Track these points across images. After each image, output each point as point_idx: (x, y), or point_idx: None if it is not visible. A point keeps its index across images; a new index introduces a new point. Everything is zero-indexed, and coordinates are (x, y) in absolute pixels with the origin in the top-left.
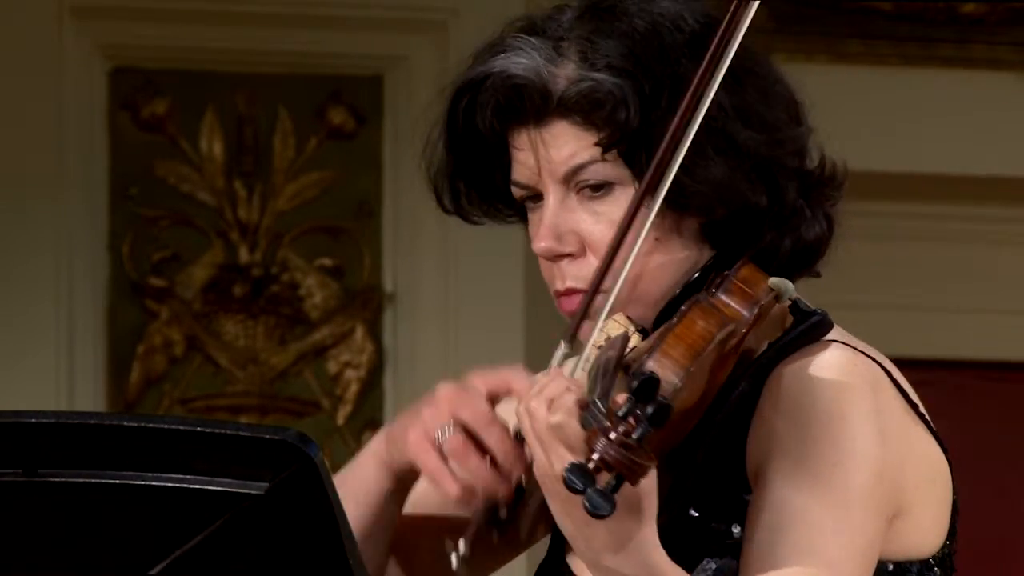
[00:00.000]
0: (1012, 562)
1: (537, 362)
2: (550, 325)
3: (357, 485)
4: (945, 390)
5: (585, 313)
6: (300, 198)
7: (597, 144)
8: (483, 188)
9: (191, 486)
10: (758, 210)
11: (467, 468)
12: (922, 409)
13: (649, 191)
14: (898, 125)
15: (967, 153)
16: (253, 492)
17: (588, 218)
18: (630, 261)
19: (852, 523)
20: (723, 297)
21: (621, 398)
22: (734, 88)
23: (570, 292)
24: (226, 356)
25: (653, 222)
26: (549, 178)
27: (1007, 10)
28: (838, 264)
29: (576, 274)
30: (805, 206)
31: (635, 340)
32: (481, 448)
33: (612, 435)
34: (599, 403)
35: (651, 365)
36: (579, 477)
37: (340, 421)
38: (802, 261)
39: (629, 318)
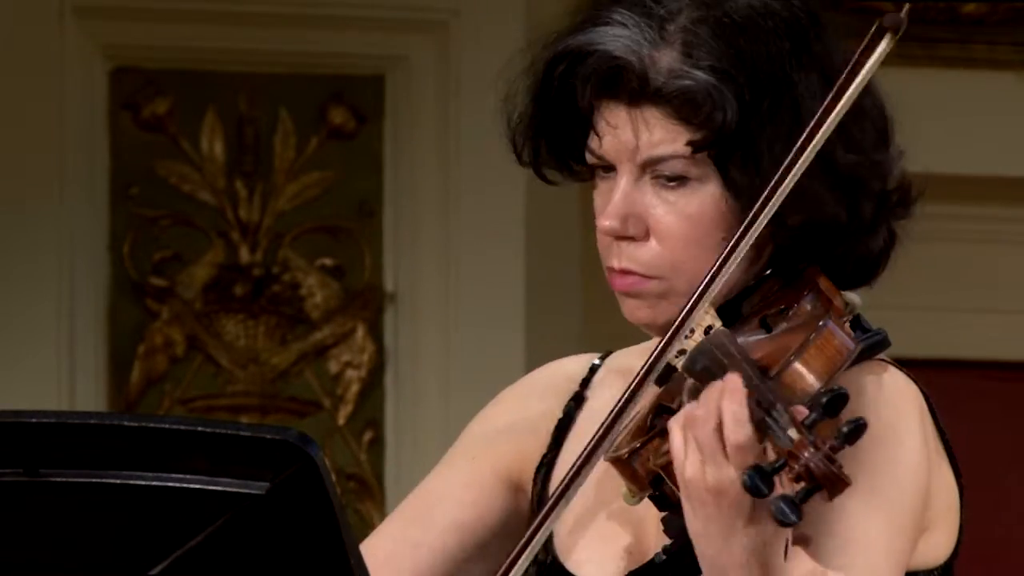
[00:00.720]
0: (1012, 562)
1: (537, 362)
2: (550, 325)
3: None
4: (945, 390)
5: (692, 308)
6: (301, 198)
7: (689, 143)
8: (563, 148)
9: (192, 486)
10: (836, 225)
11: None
12: (947, 436)
13: (753, 207)
14: (898, 125)
15: (967, 153)
16: (254, 492)
17: (660, 205)
18: (732, 265)
19: (901, 541)
20: (823, 308)
21: (802, 410)
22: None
23: (625, 272)
24: (227, 356)
25: (735, 221)
26: (627, 159)
27: (1008, 10)
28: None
29: (636, 257)
30: (876, 223)
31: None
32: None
33: (820, 445)
34: (779, 410)
35: (792, 372)
36: (763, 482)
37: (341, 421)
38: (861, 275)
39: (717, 310)
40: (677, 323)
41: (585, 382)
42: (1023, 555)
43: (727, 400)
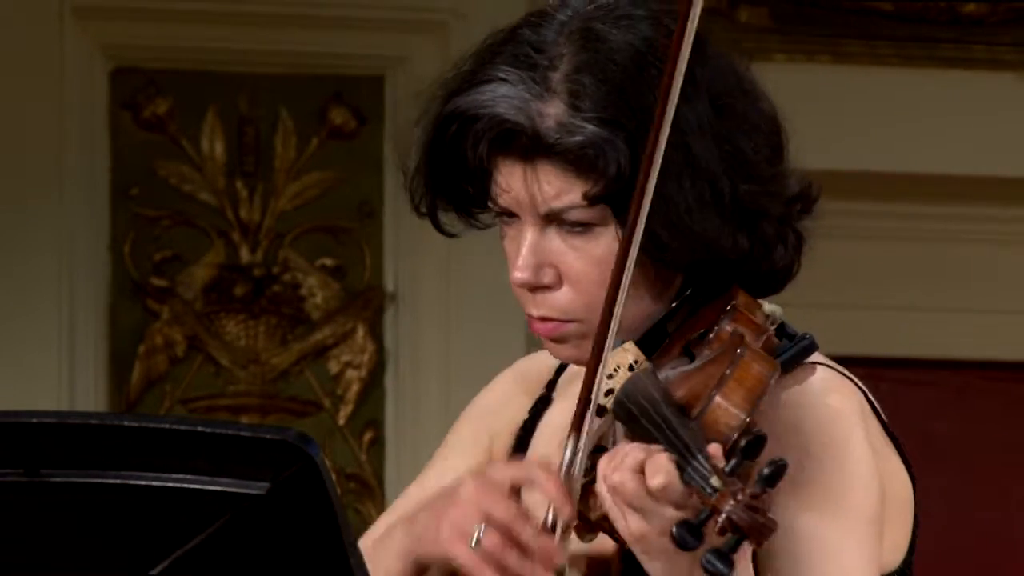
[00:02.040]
0: (1012, 562)
1: None
2: None
3: None
4: (945, 390)
5: (599, 354)
6: (301, 198)
7: (584, 196)
8: (462, 201)
9: (192, 486)
10: (740, 253)
11: (508, 564)
12: (891, 429)
13: (628, 237)
14: (898, 125)
15: (967, 153)
16: (254, 492)
17: (569, 252)
18: (621, 299)
19: (867, 547)
20: (741, 330)
21: (718, 453)
22: (724, 135)
23: (543, 319)
24: (227, 356)
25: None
26: (530, 212)
27: (1008, 10)
28: (838, 265)
29: (552, 304)
30: (779, 238)
31: (645, 369)
32: (516, 543)
33: (739, 497)
34: (700, 460)
35: (714, 409)
36: (691, 535)
37: (341, 421)
38: (774, 284)
39: (637, 345)
40: (586, 381)
41: (551, 384)
42: (1023, 555)
43: (649, 457)
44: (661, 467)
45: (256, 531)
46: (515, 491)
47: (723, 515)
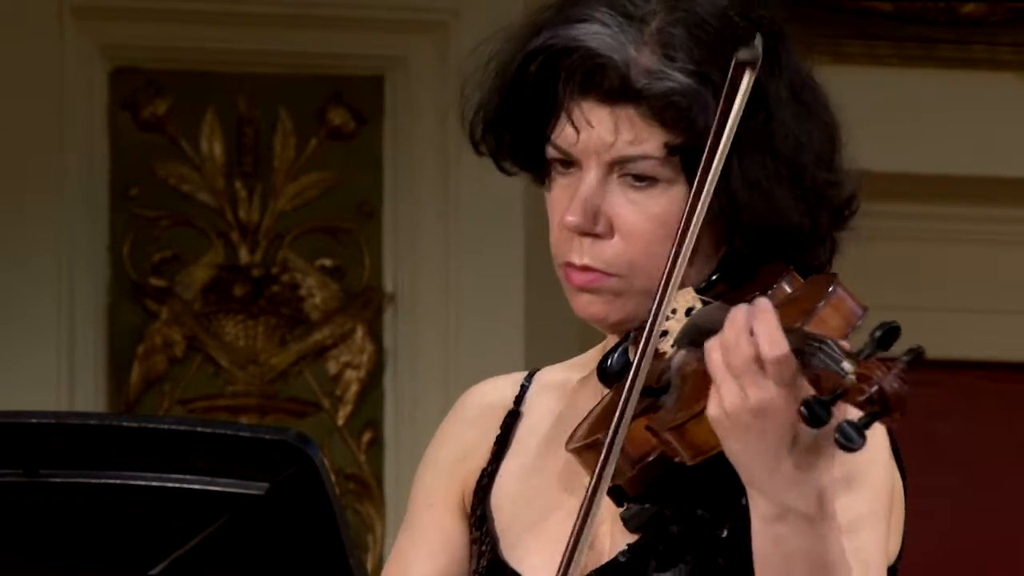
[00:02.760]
0: (1013, 562)
1: (536, 362)
2: (550, 325)
3: None
4: (946, 390)
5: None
6: (300, 198)
7: (666, 145)
8: (525, 141)
9: (191, 486)
10: (797, 233)
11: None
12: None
13: (698, 195)
14: (898, 125)
15: (967, 153)
16: (253, 492)
17: (626, 204)
18: (685, 253)
19: (883, 527)
20: (821, 283)
21: (846, 343)
22: (804, 116)
23: (585, 268)
24: (226, 356)
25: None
26: (597, 156)
27: (1007, 11)
28: (837, 265)
29: (598, 255)
30: (830, 230)
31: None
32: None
33: (892, 369)
34: (830, 345)
35: (812, 327)
36: (824, 410)
37: (340, 421)
38: None
39: (697, 292)
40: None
41: (518, 399)
42: (1023, 555)
43: (758, 321)
44: (779, 336)
45: (255, 531)
46: None
47: (873, 384)
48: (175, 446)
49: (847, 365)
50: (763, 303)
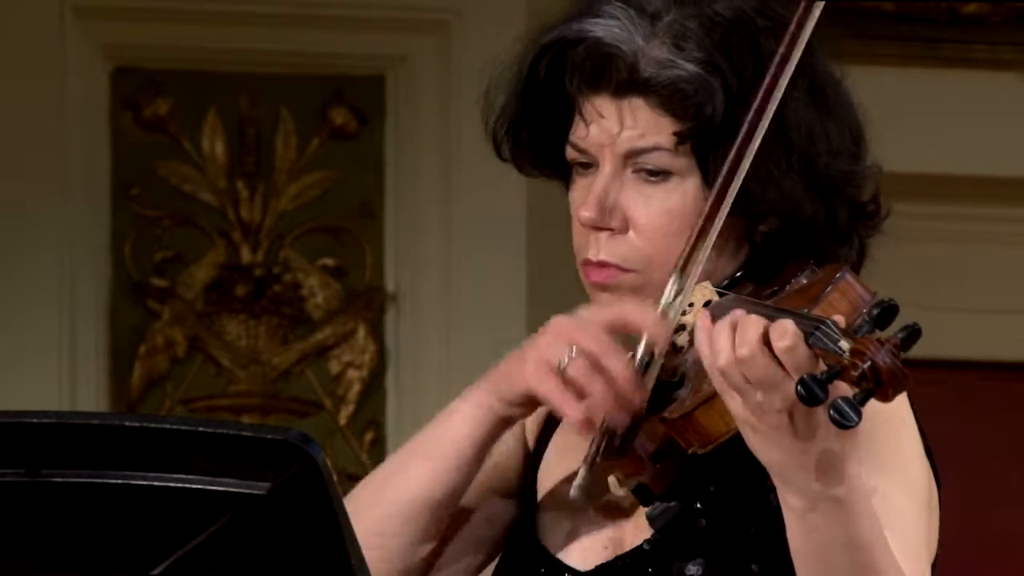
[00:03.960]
0: (1013, 562)
1: None
2: None
3: (447, 440)
4: (946, 390)
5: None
6: (302, 198)
7: (675, 134)
8: (544, 141)
9: (193, 486)
10: (812, 227)
11: (591, 392)
12: (924, 432)
13: (720, 191)
14: (899, 125)
15: (967, 153)
16: (255, 492)
17: (640, 199)
18: (707, 248)
19: (924, 518)
20: (827, 273)
21: (842, 321)
22: (821, 111)
23: (602, 264)
24: (228, 356)
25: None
26: (610, 150)
27: (1009, 10)
28: None
29: (614, 250)
30: (850, 232)
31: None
32: (603, 372)
33: (884, 344)
34: (829, 325)
35: (819, 312)
36: (818, 387)
37: (342, 421)
38: None
39: (715, 287)
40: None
41: None
42: (1023, 555)
43: (771, 325)
44: (787, 330)
45: (257, 531)
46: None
47: (866, 359)
48: (177, 446)
49: (844, 344)
50: (738, 314)
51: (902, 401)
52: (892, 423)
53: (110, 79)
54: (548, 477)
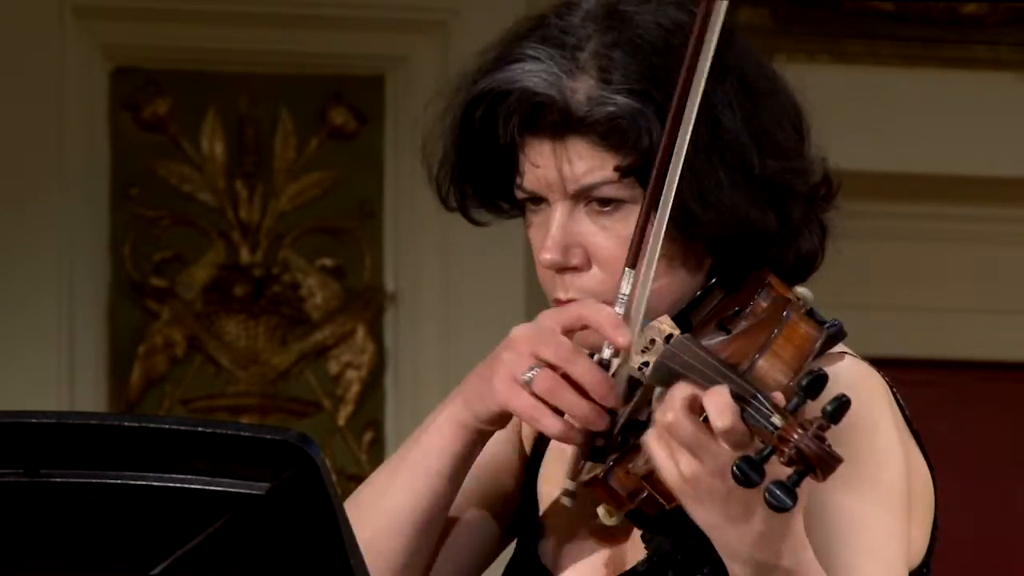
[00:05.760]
0: (1012, 562)
1: None
2: None
3: (429, 455)
4: (946, 390)
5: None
6: (301, 198)
7: (616, 169)
8: (489, 189)
9: (192, 486)
10: (767, 233)
11: (561, 403)
12: (913, 425)
13: (654, 209)
14: (899, 125)
15: (967, 153)
16: (254, 492)
17: (597, 232)
18: (651, 275)
19: (898, 525)
20: (780, 301)
21: (779, 396)
22: (751, 113)
23: (572, 302)
24: (227, 356)
25: (664, 239)
26: (559, 191)
27: (1008, 11)
28: (838, 265)
29: (580, 286)
30: (806, 222)
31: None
32: (571, 382)
33: (807, 428)
34: (760, 399)
35: (763, 364)
36: (753, 471)
37: (341, 421)
38: (800, 272)
39: (672, 320)
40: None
41: None
42: (1023, 555)
43: (707, 396)
44: (726, 406)
45: (256, 531)
46: (567, 335)
47: (791, 447)
48: (176, 446)
49: (776, 420)
50: (682, 387)
51: (874, 396)
52: (862, 427)
53: (109, 79)
54: (547, 483)
